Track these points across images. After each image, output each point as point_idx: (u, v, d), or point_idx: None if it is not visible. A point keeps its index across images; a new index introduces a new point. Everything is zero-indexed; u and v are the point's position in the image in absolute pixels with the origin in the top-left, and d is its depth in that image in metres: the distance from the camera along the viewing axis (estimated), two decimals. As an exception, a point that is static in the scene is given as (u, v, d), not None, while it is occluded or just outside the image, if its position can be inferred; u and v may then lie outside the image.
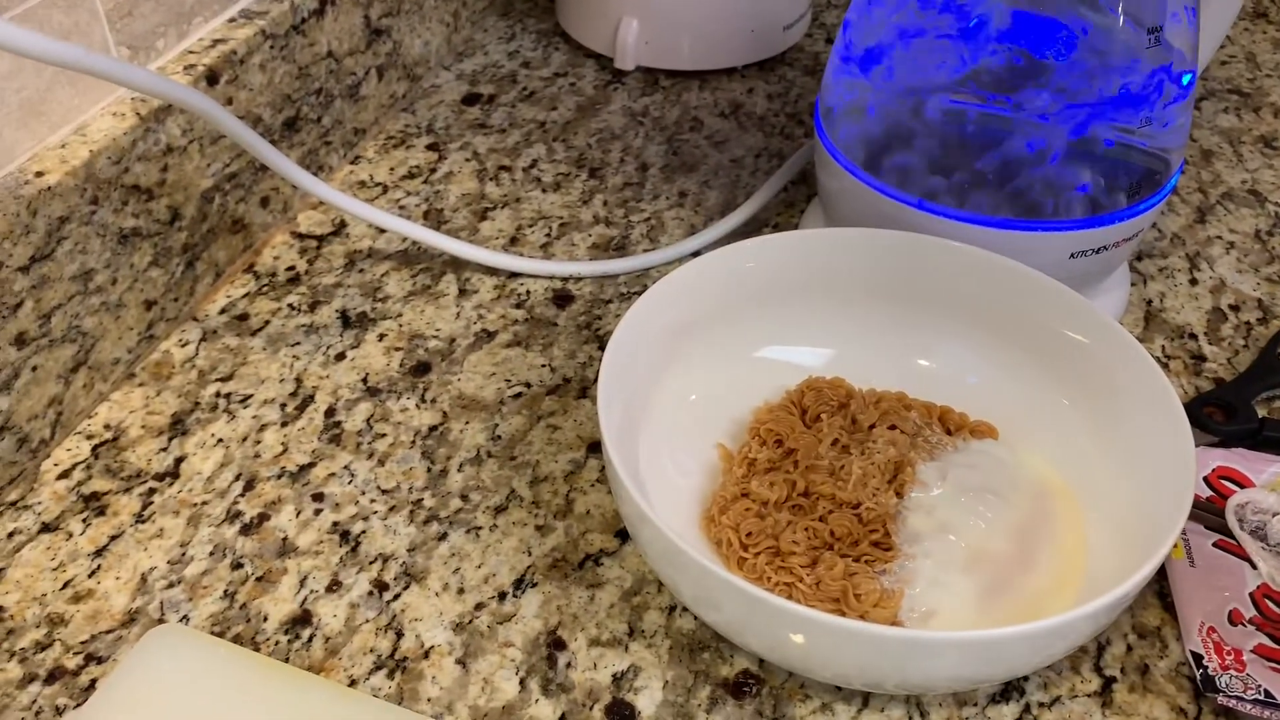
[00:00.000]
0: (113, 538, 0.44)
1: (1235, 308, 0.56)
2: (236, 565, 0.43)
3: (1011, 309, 0.47)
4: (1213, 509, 0.44)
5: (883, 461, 0.44)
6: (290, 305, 0.54)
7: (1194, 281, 0.57)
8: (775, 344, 0.49)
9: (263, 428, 0.49)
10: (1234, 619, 0.41)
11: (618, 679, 0.40)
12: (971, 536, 0.42)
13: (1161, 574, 0.43)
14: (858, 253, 0.48)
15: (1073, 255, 0.48)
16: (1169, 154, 0.49)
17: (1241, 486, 0.45)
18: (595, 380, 0.50)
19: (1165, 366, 0.52)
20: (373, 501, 0.46)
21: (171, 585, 0.42)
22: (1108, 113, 0.46)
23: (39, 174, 0.44)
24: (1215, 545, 0.43)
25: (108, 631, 0.41)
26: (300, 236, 0.59)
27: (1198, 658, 0.40)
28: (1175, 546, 0.43)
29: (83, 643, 0.41)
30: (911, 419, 0.46)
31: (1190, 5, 0.46)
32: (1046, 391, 0.46)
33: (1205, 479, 0.46)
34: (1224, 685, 0.39)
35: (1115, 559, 0.40)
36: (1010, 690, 0.40)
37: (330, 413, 0.49)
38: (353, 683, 0.40)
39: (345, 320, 0.54)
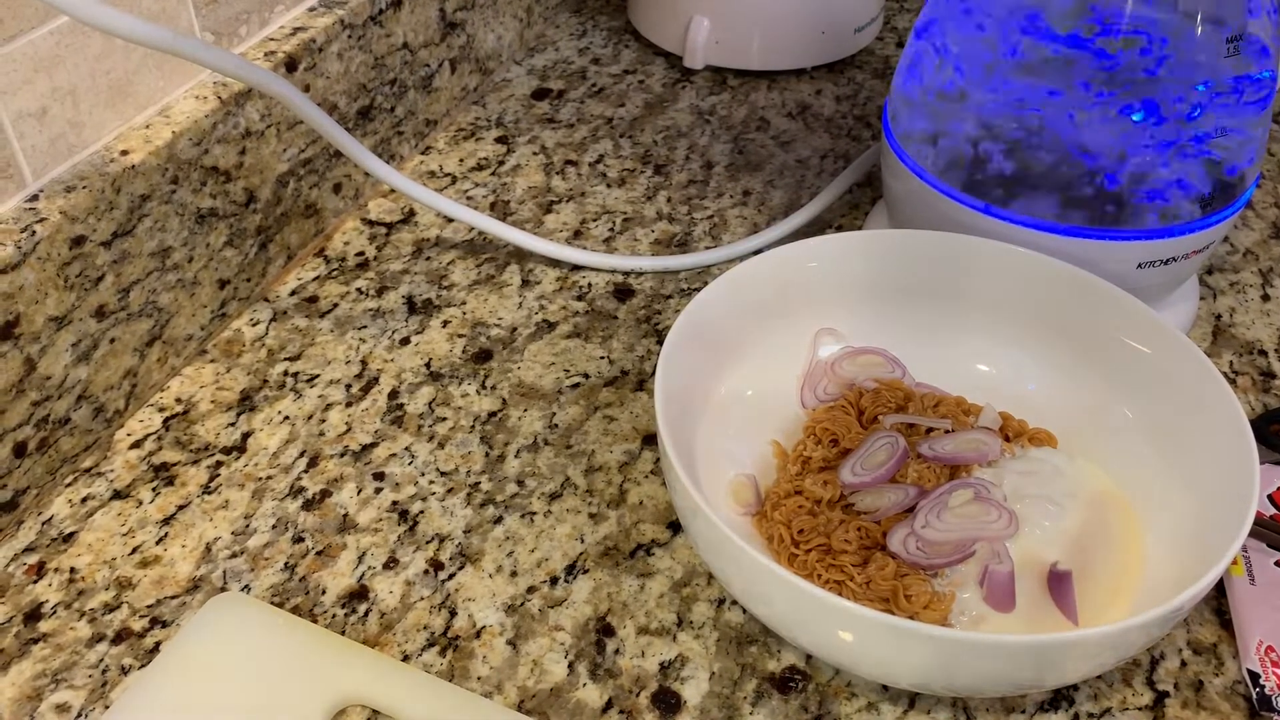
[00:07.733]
0: (180, 507, 0.45)
1: (1308, 325, 0.55)
2: (298, 539, 0.44)
3: (1074, 316, 0.47)
4: (1275, 527, 0.44)
5: (938, 465, 0.43)
6: (358, 289, 0.56)
7: (1266, 298, 0.56)
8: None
9: (328, 407, 0.50)
10: (1293, 639, 0.40)
11: (665, 667, 0.40)
12: (1026, 543, 0.41)
13: (1220, 591, 0.43)
14: (920, 255, 0.48)
15: (1140, 265, 0.48)
16: (1245, 167, 0.48)
17: (1307, 506, 0.44)
18: (653, 374, 0.51)
19: (1233, 382, 0.52)
20: (431, 483, 0.47)
21: (234, 555, 0.44)
22: (1182, 122, 0.46)
23: (124, 153, 0.46)
24: (1277, 564, 0.42)
25: (172, 597, 0.42)
26: (370, 223, 0.60)
27: (1254, 676, 0.39)
28: (1235, 563, 0.42)
29: (149, 606, 0.42)
30: (969, 424, 0.45)
31: (1272, 14, 0.46)
32: (1108, 401, 0.46)
33: (1269, 497, 0.45)
34: (1280, 705, 0.38)
35: (1172, 572, 0.39)
36: (1059, 699, 0.40)
37: (393, 395, 0.50)
38: (406, 658, 0.41)
39: (411, 306, 0.55)
